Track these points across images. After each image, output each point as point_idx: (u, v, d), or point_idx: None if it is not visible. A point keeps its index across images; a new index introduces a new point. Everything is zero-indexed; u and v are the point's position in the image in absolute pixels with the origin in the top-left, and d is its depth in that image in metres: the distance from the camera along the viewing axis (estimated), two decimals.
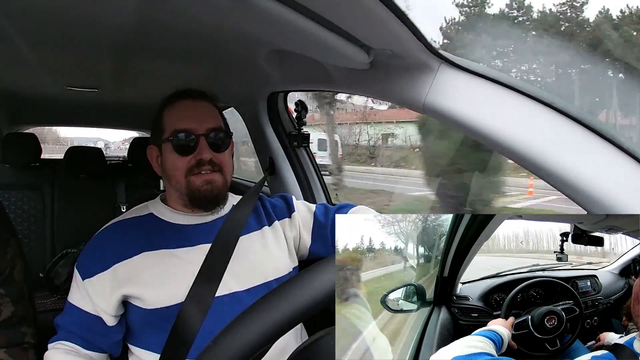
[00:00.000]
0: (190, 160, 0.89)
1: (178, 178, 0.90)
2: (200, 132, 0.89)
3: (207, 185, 0.89)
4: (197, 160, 0.88)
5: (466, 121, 0.65)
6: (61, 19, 0.87)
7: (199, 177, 0.89)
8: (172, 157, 0.90)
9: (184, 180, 0.89)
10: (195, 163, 0.88)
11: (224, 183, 0.92)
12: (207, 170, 0.89)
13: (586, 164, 0.56)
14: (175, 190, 0.92)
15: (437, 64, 0.69)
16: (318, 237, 1.03)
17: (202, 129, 0.89)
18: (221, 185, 0.91)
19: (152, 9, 0.79)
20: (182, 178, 0.89)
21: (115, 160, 2.86)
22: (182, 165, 0.89)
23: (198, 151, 0.88)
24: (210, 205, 0.92)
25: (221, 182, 0.91)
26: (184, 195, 0.91)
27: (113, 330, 0.89)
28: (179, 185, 0.90)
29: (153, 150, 0.95)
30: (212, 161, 0.89)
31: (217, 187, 0.90)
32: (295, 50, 0.90)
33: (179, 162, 0.89)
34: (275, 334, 0.43)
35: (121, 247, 0.89)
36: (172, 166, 0.90)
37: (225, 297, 0.87)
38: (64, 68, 1.32)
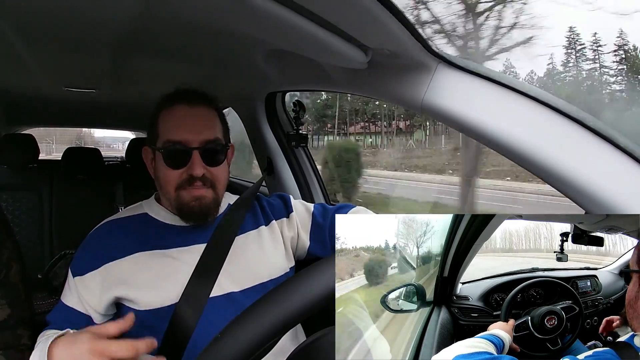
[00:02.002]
0: (181, 174, 0.86)
1: (168, 190, 0.87)
2: (193, 145, 0.85)
3: (196, 201, 0.86)
4: (188, 175, 0.85)
5: (464, 120, 0.65)
6: (59, 20, 0.86)
7: (189, 192, 0.86)
8: (163, 169, 0.87)
9: (174, 194, 0.87)
10: (186, 178, 0.86)
11: (215, 199, 0.89)
12: (198, 186, 0.86)
13: (586, 164, 0.56)
14: (165, 199, 0.92)
15: (435, 63, 0.69)
16: (316, 238, 1.02)
17: (196, 141, 0.86)
18: (211, 201, 0.88)
19: (150, 10, 0.78)
20: (173, 191, 0.87)
21: (114, 161, 2.85)
22: (173, 179, 0.86)
23: (190, 166, 0.85)
24: (199, 220, 0.90)
25: (211, 198, 0.88)
26: (173, 207, 0.90)
27: None
28: (169, 197, 0.88)
29: (148, 152, 0.93)
30: (205, 177, 0.86)
31: (206, 203, 0.87)
32: (293, 50, 0.90)
33: (169, 176, 0.86)
34: (275, 334, 0.43)
35: (114, 247, 0.88)
36: (163, 177, 0.88)
37: (220, 297, 0.86)
38: (61, 69, 1.32)
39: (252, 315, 0.44)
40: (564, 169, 0.56)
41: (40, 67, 1.27)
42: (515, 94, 0.63)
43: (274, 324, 0.43)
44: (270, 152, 1.50)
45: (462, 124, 0.65)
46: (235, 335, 0.43)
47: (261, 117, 1.48)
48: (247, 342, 0.42)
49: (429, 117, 0.73)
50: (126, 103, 2.02)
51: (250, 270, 0.91)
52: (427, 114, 0.71)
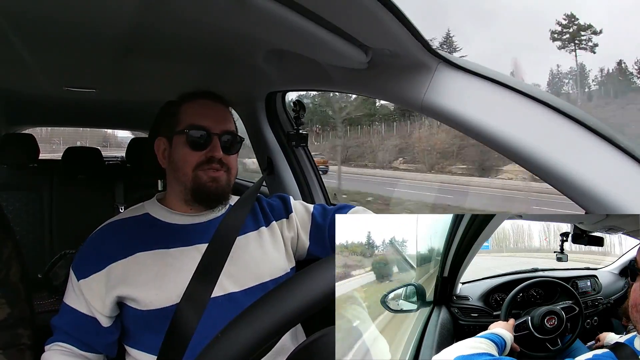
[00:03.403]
0: (201, 156, 0.90)
1: (186, 171, 0.91)
2: (215, 132, 0.91)
3: (213, 182, 0.91)
4: (207, 157, 0.90)
5: (464, 120, 0.65)
6: (59, 19, 0.86)
7: (206, 172, 0.90)
8: (183, 150, 0.91)
9: (191, 174, 0.90)
10: (205, 159, 0.90)
11: (228, 183, 0.94)
12: (215, 168, 0.91)
13: (586, 164, 0.56)
14: (179, 184, 0.92)
15: (435, 63, 0.69)
16: (316, 238, 1.02)
17: (217, 129, 0.92)
18: (225, 184, 0.93)
19: (150, 10, 0.78)
20: (190, 172, 0.90)
21: (114, 161, 2.85)
22: (193, 160, 0.90)
23: (210, 148, 0.90)
24: (213, 203, 0.93)
25: (226, 181, 0.93)
26: (188, 190, 0.91)
27: (108, 331, 0.88)
28: (185, 178, 0.91)
29: (161, 142, 0.96)
30: (222, 161, 0.91)
31: (222, 185, 0.92)
32: (294, 50, 0.90)
33: (189, 156, 0.90)
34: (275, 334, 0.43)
35: (116, 248, 0.88)
36: (181, 159, 0.91)
37: (221, 297, 0.86)
38: (62, 68, 1.32)
39: (252, 315, 0.43)
40: (564, 168, 0.56)
41: (41, 67, 1.28)
42: (515, 94, 0.63)
43: (274, 323, 0.43)
44: (270, 151, 1.50)
45: (462, 123, 0.65)
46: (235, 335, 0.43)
47: (261, 117, 1.47)
48: (247, 342, 0.42)
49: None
50: (126, 103, 2.02)
51: (251, 271, 0.92)
52: (428, 114, 0.71)
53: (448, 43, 27.42)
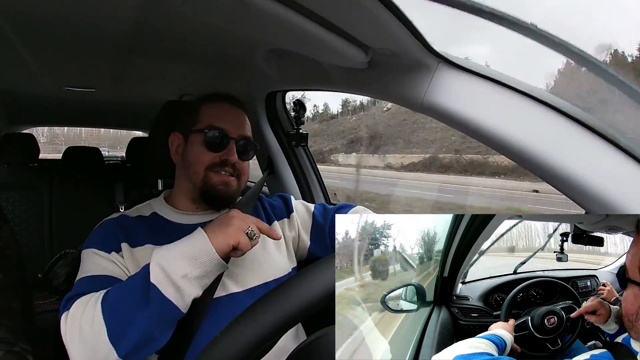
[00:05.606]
0: (215, 157, 0.90)
1: (197, 169, 0.91)
2: (233, 136, 0.92)
3: (224, 186, 0.91)
4: (222, 160, 0.90)
5: (465, 120, 0.65)
6: (60, 19, 0.86)
7: (218, 175, 0.90)
8: (199, 150, 0.91)
9: (203, 174, 0.90)
10: (219, 161, 0.90)
11: (238, 189, 0.94)
12: (228, 172, 0.91)
13: (586, 164, 0.56)
14: (188, 181, 0.92)
15: (436, 63, 0.69)
16: (317, 237, 1.02)
17: (235, 133, 0.92)
18: (235, 190, 0.93)
19: (150, 10, 0.78)
20: (202, 171, 0.90)
21: (114, 160, 2.85)
22: (206, 160, 0.90)
23: (226, 151, 0.91)
24: (220, 205, 0.94)
25: (236, 187, 0.93)
26: (197, 189, 0.91)
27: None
28: (196, 177, 0.91)
29: (176, 138, 0.97)
30: (235, 165, 0.92)
31: (232, 190, 0.92)
32: (294, 50, 0.90)
33: (204, 156, 0.90)
34: (276, 333, 0.43)
35: (127, 235, 0.87)
36: (195, 158, 0.91)
37: (223, 297, 0.86)
38: (62, 68, 1.32)
39: (252, 315, 0.44)
40: (564, 168, 0.56)
41: (41, 67, 1.28)
42: (515, 94, 0.62)
43: (274, 323, 0.43)
44: (271, 151, 1.50)
45: (462, 123, 0.65)
46: (236, 335, 0.43)
47: (261, 117, 1.47)
48: (247, 342, 0.42)
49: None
50: (127, 103, 2.02)
51: (254, 271, 0.91)
52: (428, 114, 0.71)
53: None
